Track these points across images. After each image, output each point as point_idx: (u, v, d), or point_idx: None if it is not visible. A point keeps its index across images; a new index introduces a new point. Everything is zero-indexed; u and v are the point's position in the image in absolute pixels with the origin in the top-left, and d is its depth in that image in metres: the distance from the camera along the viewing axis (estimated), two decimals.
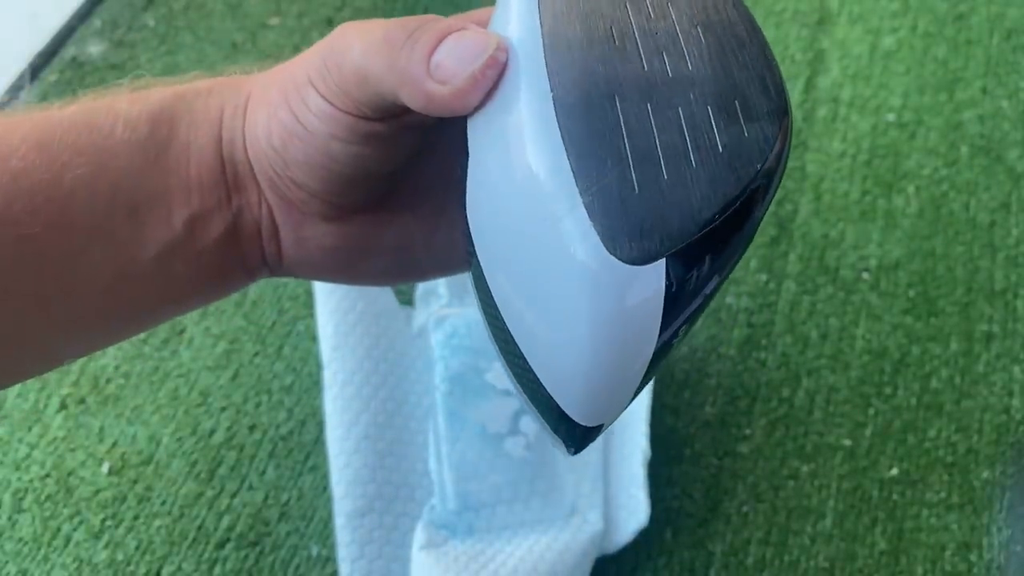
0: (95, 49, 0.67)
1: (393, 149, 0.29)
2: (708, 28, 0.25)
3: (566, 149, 0.23)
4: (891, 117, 0.64)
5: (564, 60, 0.24)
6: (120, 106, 0.28)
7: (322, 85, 0.27)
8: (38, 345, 0.29)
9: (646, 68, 0.24)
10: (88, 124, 0.28)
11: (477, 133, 0.26)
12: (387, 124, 0.27)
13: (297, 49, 0.30)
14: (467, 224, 0.26)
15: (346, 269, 0.32)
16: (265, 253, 0.31)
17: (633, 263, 0.23)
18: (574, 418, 0.26)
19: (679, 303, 0.24)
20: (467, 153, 0.26)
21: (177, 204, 0.29)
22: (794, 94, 0.64)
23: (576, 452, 0.28)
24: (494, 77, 0.25)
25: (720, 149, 0.24)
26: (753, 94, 0.25)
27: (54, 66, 0.66)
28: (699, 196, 0.23)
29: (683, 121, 0.24)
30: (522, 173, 0.24)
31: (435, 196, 0.31)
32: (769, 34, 0.66)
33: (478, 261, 0.26)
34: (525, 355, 0.25)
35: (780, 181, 0.25)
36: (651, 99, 0.24)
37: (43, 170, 0.27)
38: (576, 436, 0.27)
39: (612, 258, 0.23)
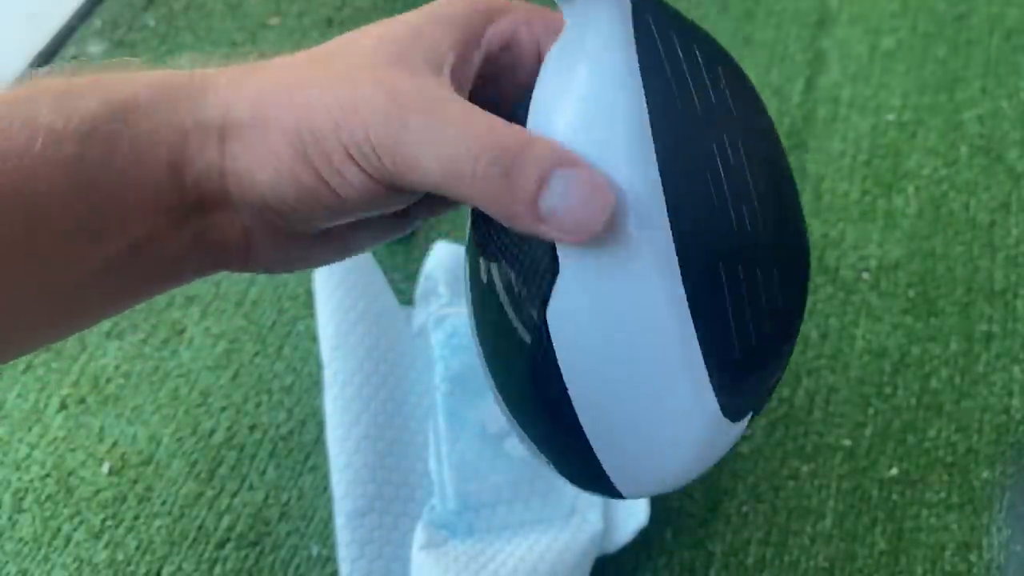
0: (95, 49, 0.67)
1: (411, 201, 0.28)
2: (770, 179, 0.26)
3: (692, 312, 0.25)
4: (891, 117, 0.64)
5: (684, 196, 0.24)
6: (42, 118, 0.25)
7: (369, 165, 0.25)
8: None
9: (735, 226, 0.25)
10: (2, 133, 0.25)
11: (572, 255, 0.25)
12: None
13: (297, 48, 0.29)
14: (536, 324, 0.26)
15: (320, 259, 0.32)
16: (231, 258, 0.29)
17: (734, 420, 0.27)
18: (622, 493, 0.29)
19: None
20: (555, 270, 0.25)
21: (115, 230, 0.26)
22: (794, 94, 0.64)
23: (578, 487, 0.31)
24: (611, 220, 0.24)
25: (780, 306, 0.27)
26: (793, 261, 0.28)
27: (54, 66, 0.66)
28: (774, 354, 0.27)
29: (760, 285, 0.26)
30: (636, 322, 0.25)
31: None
32: (769, 34, 0.66)
33: (541, 340, 0.26)
34: (590, 439, 0.27)
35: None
36: (742, 263, 0.25)
37: None
38: (597, 491, 0.30)
39: (725, 421, 0.26)
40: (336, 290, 0.50)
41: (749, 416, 0.27)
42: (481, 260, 0.28)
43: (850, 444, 0.51)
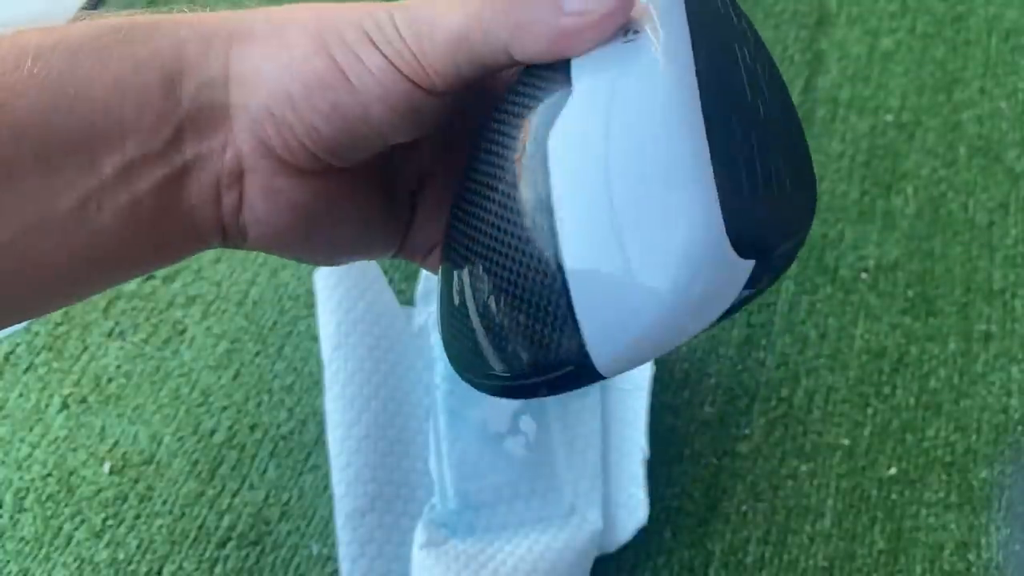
0: None
1: (425, 126, 0.28)
2: (777, 93, 0.28)
3: (708, 135, 0.25)
4: (890, 118, 0.64)
5: (702, 59, 0.26)
6: (30, 39, 0.25)
7: (390, 48, 0.26)
8: None
9: (749, 101, 0.26)
10: None
11: (598, 78, 0.26)
12: (441, 99, 0.27)
13: None
14: (483, 201, 0.26)
15: (306, 235, 0.30)
16: (222, 208, 0.28)
17: (740, 255, 0.25)
18: (597, 368, 0.26)
19: (741, 303, 0.27)
20: (565, 96, 0.26)
21: (104, 148, 0.25)
22: (793, 94, 0.65)
23: (508, 398, 0.29)
24: (632, 6, 0.25)
25: (790, 192, 0.27)
26: (803, 166, 0.28)
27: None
28: (785, 221, 0.27)
29: (770, 157, 0.26)
30: (660, 135, 0.25)
31: (399, 170, 0.32)
32: (768, 35, 0.67)
33: (515, 213, 0.26)
34: (571, 290, 0.25)
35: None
36: (754, 131, 0.26)
37: None
38: (572, 382, 0.27)
39: (727, 242, 0.25)
40: (336, 290, 0.50)
41: (752, 264, 0.25)
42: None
43: (849, 443, 0.51)
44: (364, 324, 0.49)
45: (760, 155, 0.26)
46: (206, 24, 0.27)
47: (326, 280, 0.50)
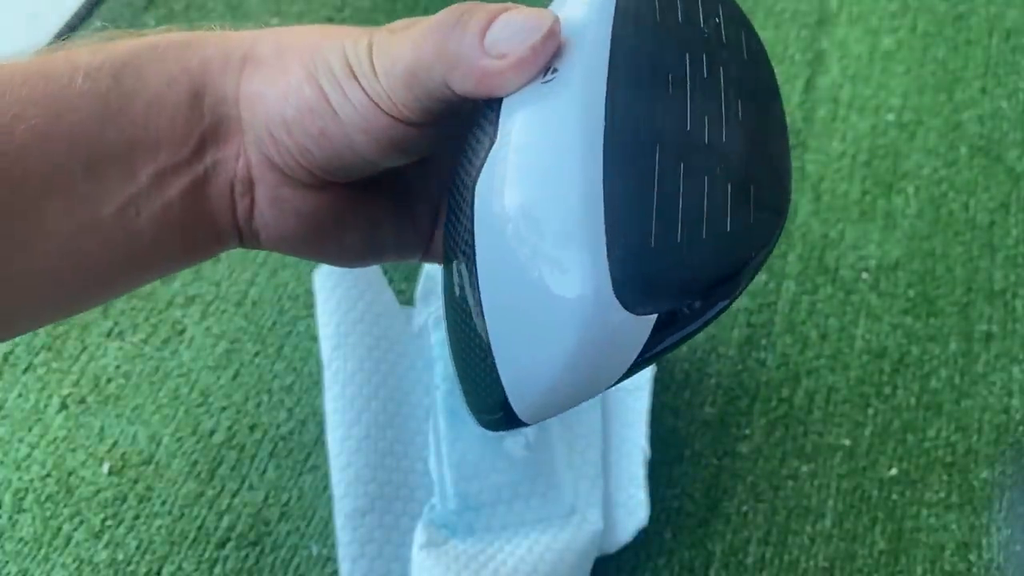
0: None
1: (413, 152, 0.29)
2: (747, 105, 0.26)
3: (604, 182, 0.24)
4: (891, 117, 0.64)
5: (622, 92, 0.25)
6: (80, 57, 0.27)
7: (366, 82, 0.27)
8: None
9: (688, 128, 0.25)
10: (44, 74, 0.27)
11: (518, 120, 0.26)
12: (420, 131, 0.28)
13: None
14: (457, 210, 0.26)
15: (316, 240, 0.31)
16: (236, 212, 0.30)
17: (632, 312, 0.24)
18: (520, 417, 0.27)
19: (651, 353, 0.26)
20: (494, 137, 0.26)
21: (142, 158, 0.28)
22: (794, 94, 0.65)
23: (491, 430, 0.29)
24: (552, 50, 0.25)
25: (727, 229, 0.25)
26: (766, 184, 0.26)
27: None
28: (700, 267, 0.24)
29: (705, 191, 0.25)
30: (559, 185, 0.24)
31: (415, 184, 0.32)
32: (769, 34, 0.66)
33: (467, 241, 0.26)
34: (492, 348, 0.26)
35: (759, 270, 0.26)
36: (684, 160, 0.25)
37: None
38: (504, 425, 0.28)
39: (616, 303, 0.24)
40: (336, 290, 0.50)
41: (654, 318, 0.24)
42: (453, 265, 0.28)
43: (850, 444, 0.51)
44: (364, 324, 0.49)
45: (690, 188, 0.24)
46: (228, 44, 0.29)
47: (326, 280, 0.50)
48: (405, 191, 0.32)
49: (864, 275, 0.57)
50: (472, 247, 0.26)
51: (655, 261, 0.24)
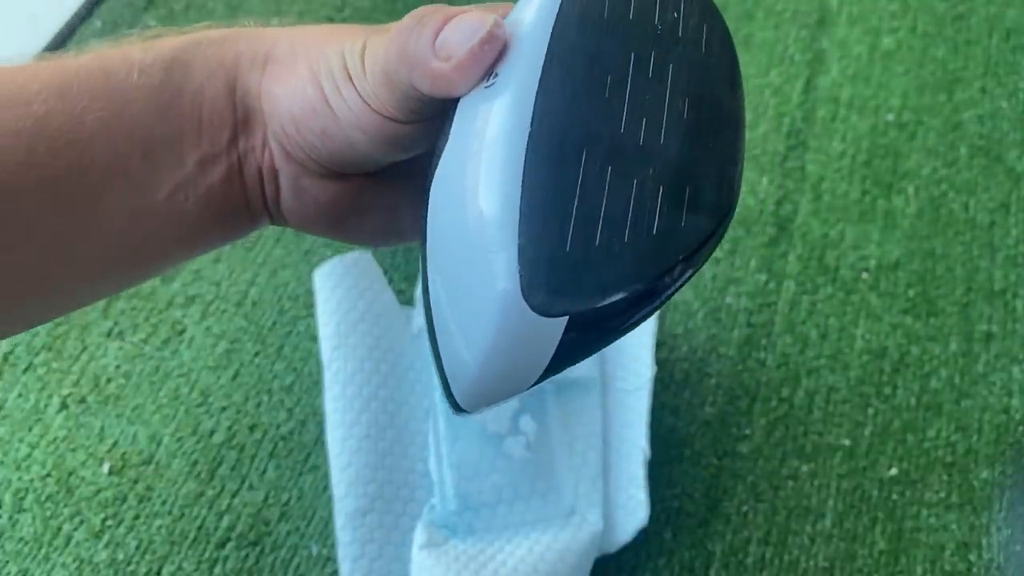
0: None
1: (406, 147, 0.30)
2: (695, 103, 0.26)
3: (523, 187, 0.24)
4: (890, 117, 0.64)
5: (554, 96, 0.25)
6: (134, 54, 0.30)
7: (359, 83, 0.28)
8: (59, 288, 0.30)
9: (622, 130, 0.25)
10: (104, 70, 0.29)
11: (463, 122, 0.26)
12: (413, 128, 0.29)
13: None
14: (425, 203, 0.27)
15: (337, 224, 0.33)
16: (266, 196, 0.32)
17: (540, 313, 0.24)
18: (460, 404, 0.28)
19: (571, 353, 0.26)
20: (448, 137, 0.27)
21: (188, 146, 0.30)
22: (794, 94, 0.65)
23: (454, 414, 0.30)
24: (492, 52, 0.26)
25: (653, 232, 0.25)
26: (706, 186, 0.26)
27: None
28: (617, 272, 0.25)
29: (633, 194, 0.25)
30: (481, 187, 0.25)
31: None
32: (769, 34, 0.66)
33: (423, 232, 0.27)
34: (437, 337, 0.27)
35: (698, 270, 0.26)
36: (613, 163, 0.25)
37: (64, 114, 0.28)
38: (456, 409, 0.29)
39: (524, 304, 0.24)
40: (336, 290, 0.50)
41: (565, 321, 0.25)
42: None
43: (850, 444, 0.51)
44: (364, 324, 0.49)
45: (616, 191, 0.24)
46: (257, 41, 0.31)
47: (326, 280, 0.50)
48: (421, 175, 0.34)
49: (864, 275, 0.57)
50: (425, 239, 0.27)
51: (566, 265, 0.24)
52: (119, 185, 0.29)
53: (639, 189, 0.25)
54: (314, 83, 0.29)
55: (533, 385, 0.27)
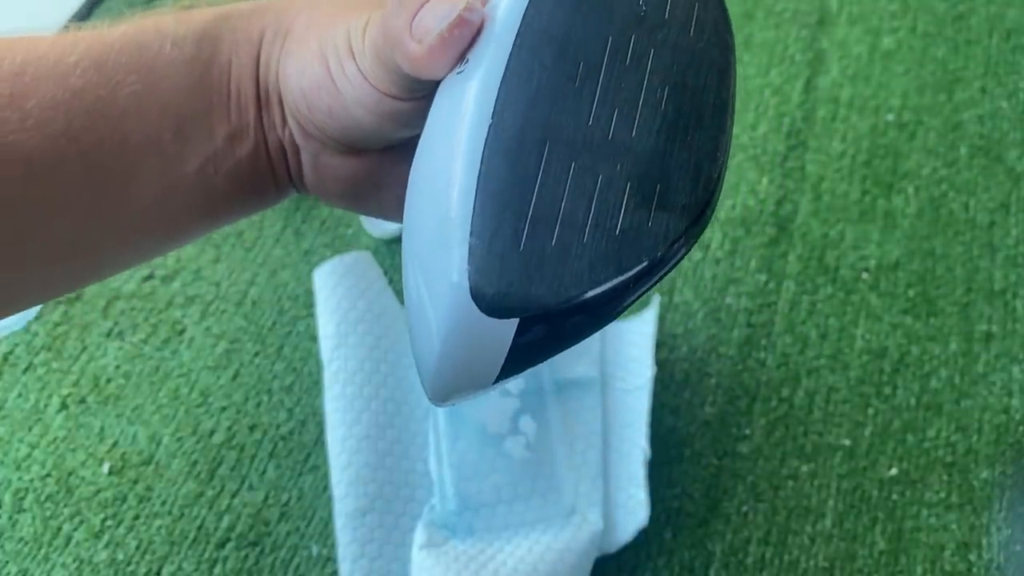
0: None
1: (411, 124, 0.30)
2: (675, 93, 0.24)
3: (478, 184, 0.23)
4: (890, 117, 0.64)
5: (519, 85, 0.24)
6: (167, 26, 0.30)
7: (359, 59, 0.29)
8: (94, 257, 0.31)
9: (590, 123, 0.24)
10: (138, 43, 0.29)
11: (436, 108, 0.26)
12: (412, 104, 0.29)
13: None
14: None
15: (358, 198, 0.33)
16: (290, 169, 0.33)
17: (488, 314, 0.23)
18: (429, 396, 0.27)
19: (528, 354, 0.25)
20: (425, 122, 0.26)
21: (218, 120, 0.30)
22: (794, 94, 0.64)
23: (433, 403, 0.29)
24: (463, 37, 0.26)
25: (616, 232, 0.23)
26: (680, 182, 0.24)
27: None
28: (573, 273, 0.23)
29: (597, 191, 0.23)
30: (441, 179, 0.24)
31: None
32: (769, 34, 0.66)
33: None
34: (411, 325, 0.26)
35: (668, 274, 0.25)
36: (578, 158, 0.23)
37: (100, 88, 0.28)
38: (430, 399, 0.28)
39: (472, 303, 0.23)
40: (336, 290, 0.50)
41: (516, 323, 0.23)
42: None
43: (850, 444, 0.51)
44: (364, 324, 0.49)
45: (578, 187, 0.23)
46: (281, 15, 0.31)
47: (326, 280, 0.50)
48: None
49: (864, 275, 0.57)
50: (403, 223, 0.26)
51: (517, 264, 0.23)
52: (152, 160, 0.29)
53: (604, 185, 0.23)
54: (321, 60, 0.29)
55: (497, 383, 0.25)
